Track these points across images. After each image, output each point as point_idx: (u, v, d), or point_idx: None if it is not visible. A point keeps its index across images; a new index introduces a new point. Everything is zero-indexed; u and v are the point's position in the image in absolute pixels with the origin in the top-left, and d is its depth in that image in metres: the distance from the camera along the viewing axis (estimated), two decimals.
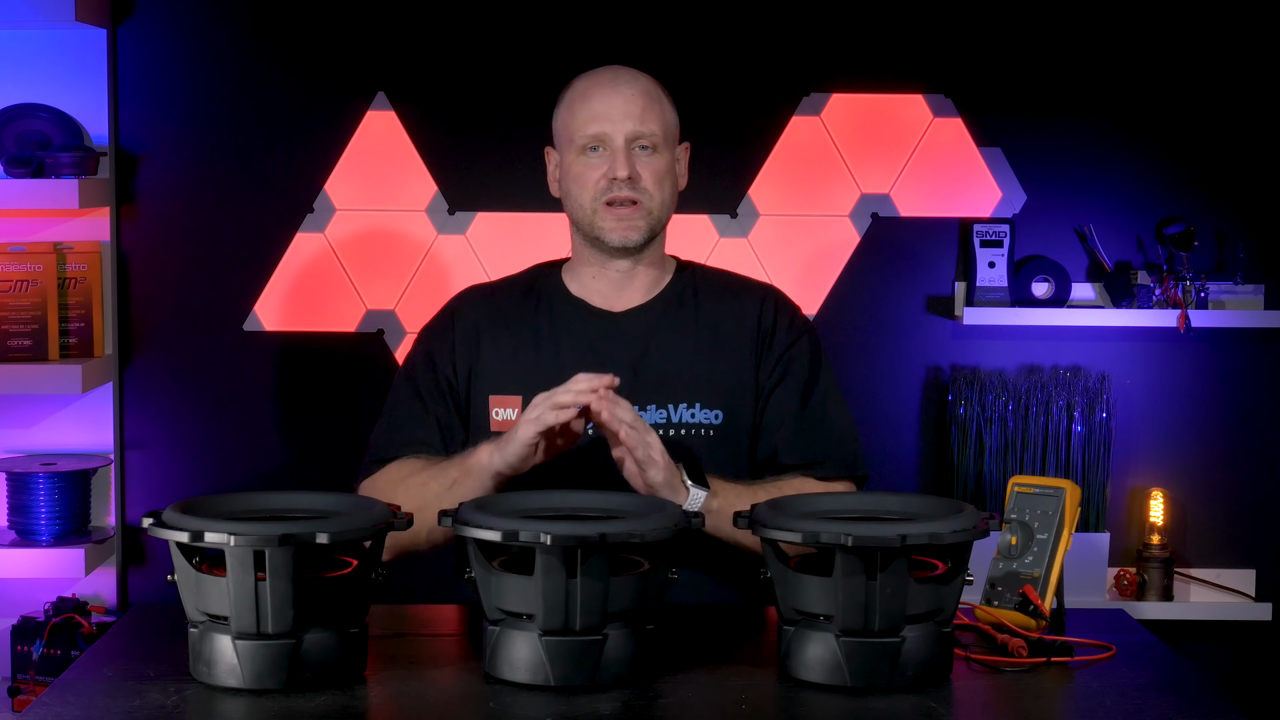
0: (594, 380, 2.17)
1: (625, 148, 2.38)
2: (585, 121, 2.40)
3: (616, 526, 1.88)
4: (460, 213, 3.49)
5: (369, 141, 3.48)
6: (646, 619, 1.92)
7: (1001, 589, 2.14)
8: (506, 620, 1.90)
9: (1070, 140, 3.52)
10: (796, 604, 1.92)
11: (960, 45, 3.50)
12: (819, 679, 1.89)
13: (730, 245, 3.49)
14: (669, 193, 2.42)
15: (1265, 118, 3.52)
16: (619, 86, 2.41)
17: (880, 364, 3.54)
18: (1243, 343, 3.55)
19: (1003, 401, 3.45)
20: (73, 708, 1.81)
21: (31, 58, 3.40)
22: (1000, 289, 3.46)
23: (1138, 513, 3.55)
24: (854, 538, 1.84)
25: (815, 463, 2.41)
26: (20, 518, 3.31)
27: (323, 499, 2.01)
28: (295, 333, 3.50)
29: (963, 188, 3.50)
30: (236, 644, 1.85)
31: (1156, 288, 3.43)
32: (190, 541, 1.85)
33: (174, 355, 3.50)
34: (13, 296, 3.31)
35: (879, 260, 3.52)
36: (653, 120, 2.39)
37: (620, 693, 1.87)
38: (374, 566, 1.94)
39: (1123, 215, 3.53)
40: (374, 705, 1.85)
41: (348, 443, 3.34)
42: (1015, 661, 2.00)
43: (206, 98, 3.47)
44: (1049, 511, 2.16)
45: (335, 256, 3.49)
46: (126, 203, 3.47)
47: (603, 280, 2.47)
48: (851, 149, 3.50)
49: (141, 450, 3.50)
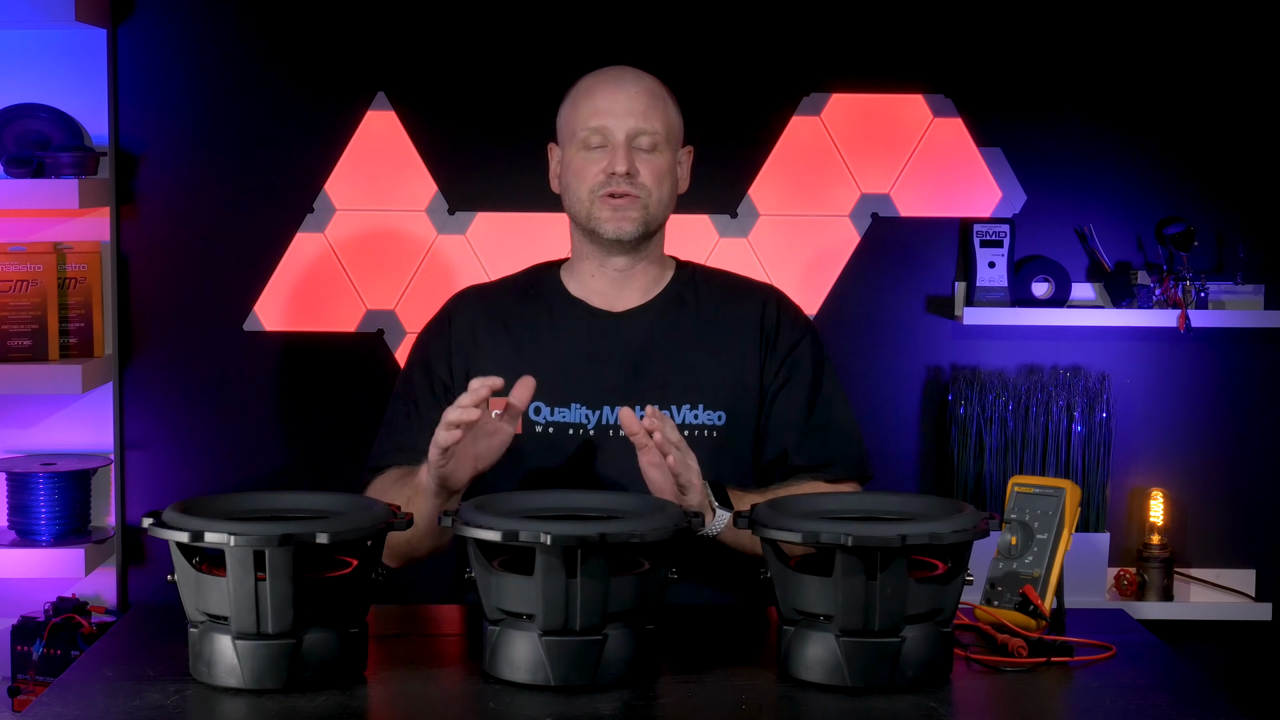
0: (479, 392, 2.10)
1: (626, 144, 2.38)
2: (588, 116, 2.40)
3: (616, 526, 1.88)
4: (460, 213, 3.49)
5: (369, 141, 3.48)
6: (646, 619, 1.92)
7: (1001, 589, 2.14)
8: (506, 620, 1.90)
9: (1070, 140, 3.51)
10: (796, 604, 1.92)
11: (960, 45, 3.50)
12: (819, 679, 1.89)
13: (730, 245, 3.49)
14: (667, 192, 2.42)
15: (1265, 118, 3.52)
16: (624, 84, 2.42)
17: (880, 364, 3.53)
18: (1243, 343, 3.55)
19: (1003, 401, 3.45)
20: (73, 708, 1.81)
21: (31, 58, 3.40)
22: (1000, 289, 3.46)
23: (1138, 513, 3.55)
24: (854, 538, 1.84)
25: (825, 464, 2.41)
26: (20, 518, 3.31)
27: (323, 499, 2.01)
28: (295, 333, 3.50)
29: (963, 188, 3.50)
30: (236, 644, 1.85)
31: (1156, 288, 3.43)
32: (190, 541, 1.85)
33: (174, 355, 3.50)
34: (13, 296, 3.31)
35: (879, 260, 3.52)
36: (655, 119, 2.40)
37: (620, 693, 1.87)
38: (374, 566, 1.94)
39: (1123, 215, 3.53)
40: (374, 705, 1.85)
41: (348, 443, 3.34)
42: (1015, 661, 2.00)
43: (206, 98, 3.47)
44: (1049, 511, 2.16)
45: (335, 256, 3.49)
46: (126, 203, 3.47)
47: (602, 279, 2.46)
48: (851, 149, 3.50)
49: (141, 450, 3.50)
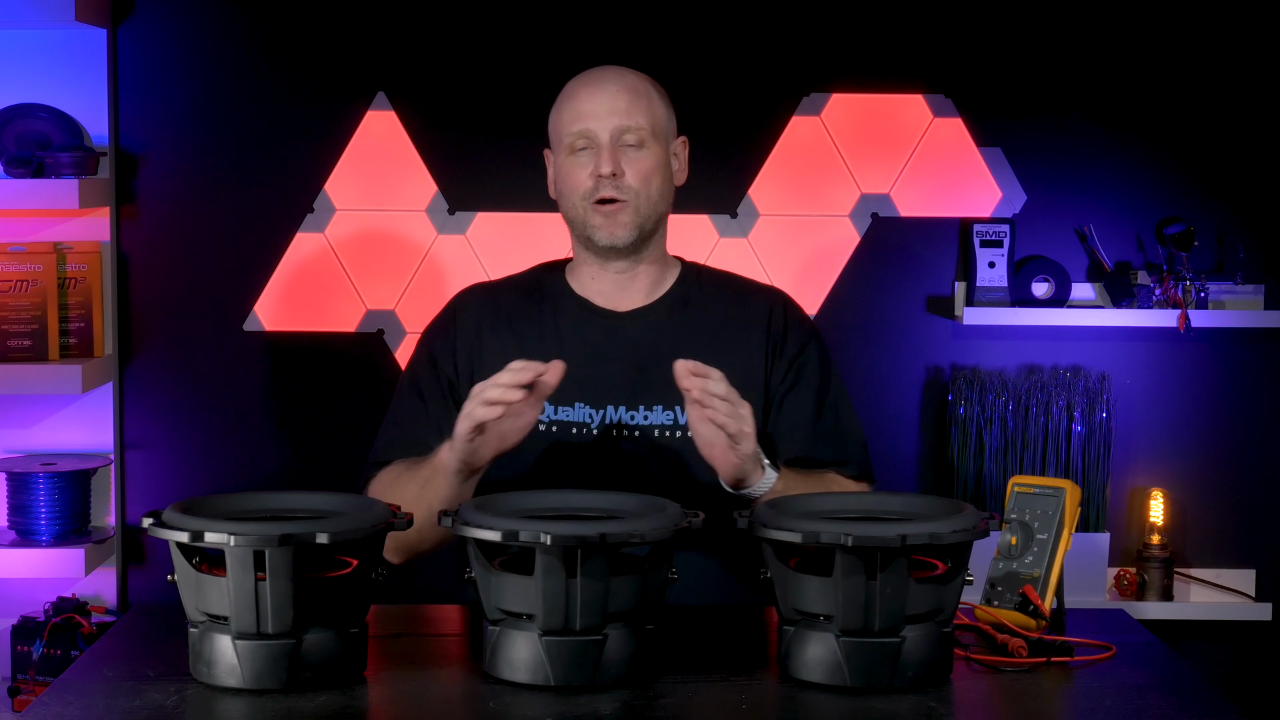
0: (522, 374, 2.10)
1: (610, 144, 2.36)
2: (571, 120, 2.39)
3: (616, 526, 1.88)
4: (460, 213, 3.49)
5: (369, 141, 3.48)
6: (646, 619, 1.92)
7: (1001, 589, 2.14)
8: (506, 620, 1.90)
9: (1070, 140, 3.52)
10: (796, 604, 1.91)
11: (960, 45, 3.50)
12: (819, 679, 1.89)
13: (730, 245, 3.49)
14: (658, 189, 2.40)
15: (1265, 118, 3.52)
16: (603, 84, 2.40)
17: (880, 364, 3.53)
18: (1243, 343, 3.55)
19: (1003, 401, 3.45)
20: (73, 708, 1.81)
21: (31, 58, 3.40)
22: (1000, 289, 3.46)
23: (1138, 513, 3.55)
24: (854, 538, 1.84)
25: (840, 462, 2.41)
26: (20, 518, 3.31)
27: (323, 499, 2.01)
28: (295, 333, 3.50)
29: (963, 188, 3.50)
30: (236, 644, 1.85)
31: (1156, 288, 3.43)
32: (190, 541, 1.85)
33: (174, 355, 3.50)
34: (13, 296, 3.31)
35: (879, 260, 3.52)
36: (639, 115, 2.38)
37: (620, 693, 1.86)
38: (374, 566, 1.94)
39: (1123, 215, 3.53)
40: (374, 705, 1.85)
41: (347, 443, 3.35)
42: (1015, 661, 2.00)
43: (206, 98, 3.47)
44: (1049, 511, 2.16)
45: (335, 256, 3.49)
46: (126, 203, 3.47)
47: (604, 281, 2.46)
48: (851, 149, 3.50)
49: (141, 450, 3.50)
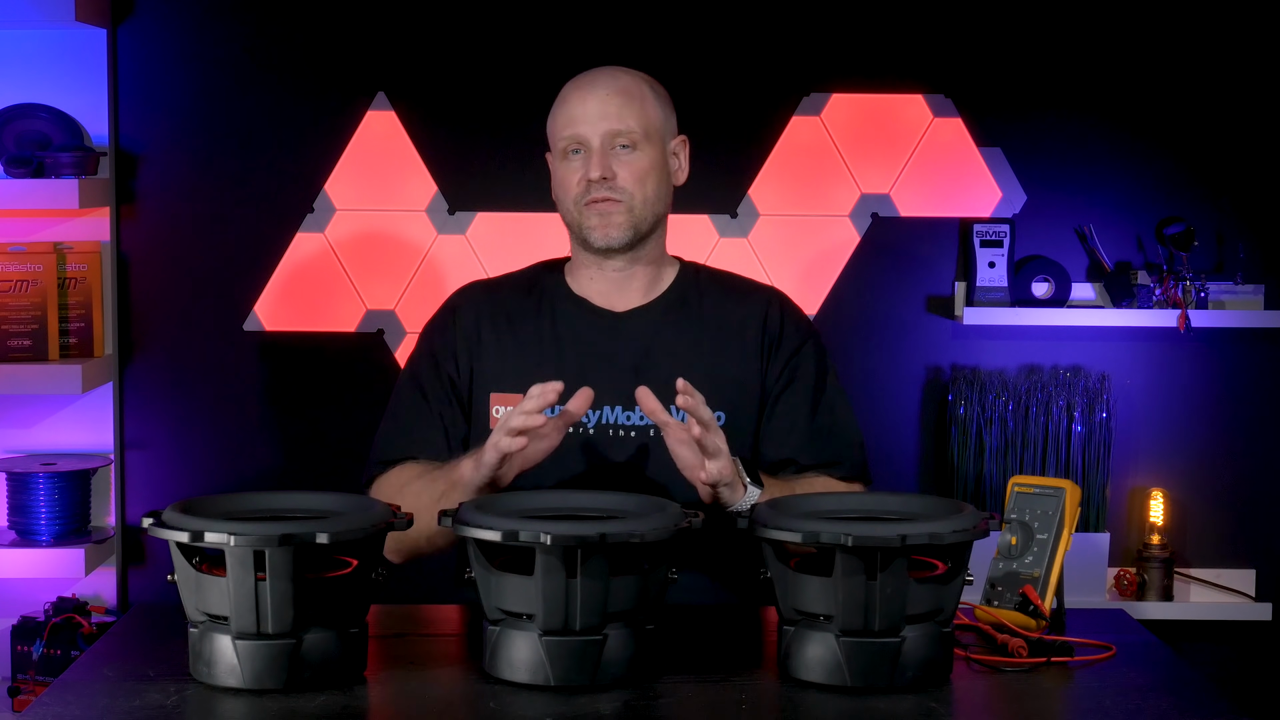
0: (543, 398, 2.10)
1: (602, 148, 2.36)
2: (564, 125, 2.39)
3: (616, 526, 1.88)
4: (460, 213, 3.49)
5: (369, 141, 3.48)
6: (646, 619, 1.92)
7: (1001, 589, 2.14)
8: (506, 620, 1.90)
9: (1070, 140, 3.52)
10: (796, 604, 1.91)
11: (960, 45, 3.50)
12: (819, 679, 1.89)
13: (730, 245, 3.49)
14: (652, 190, 2.39)
15: (1265, 118, 3.52)
16: (595, 88, 2.39)
17: (880, 364, 3.54)
18: (1243, 343, 3.55)
19: (1003, 401, 3.45)
20: (73, 708, 1.81)
21: (31, 58, 3.41)
22: (1000, 289, 3.46)
23: (1138, 513, 3.55)
24: (854, 538, 1.84)
25: (832, 463, 2.41)
26: (20, 518, 3.31)
27: (323, 499, 2.01)
28: (295, 333, 3.50)
29: (963, 188, 3.50)
30: (236, 644, 1.85)
31: (1156, 288, 3.43)
32: (190, 541, 1.85)
33: (174, 355, 3.50)
34: (13, 296, 3.31)
35: (879, 260, 3.52)
36: (631, 118, 2.37)
37: (620, 693, 1.86)
38: (374, 566, 1.94)
39: (1123, 215, 3.53)
40: (374, 705, 1.85)
41: (347, 442, 3.34)
42: (1015, 661, 2.00)
43: (206, 98, 3.47)
44: (1049, 511, 2.16)
45: (335, 256, 3.49)
46: (126, 203, 3.47)
47: (602, 281, 2.46)
48: (851, 149, 3.50)
49: (141, 450, 3.50)
